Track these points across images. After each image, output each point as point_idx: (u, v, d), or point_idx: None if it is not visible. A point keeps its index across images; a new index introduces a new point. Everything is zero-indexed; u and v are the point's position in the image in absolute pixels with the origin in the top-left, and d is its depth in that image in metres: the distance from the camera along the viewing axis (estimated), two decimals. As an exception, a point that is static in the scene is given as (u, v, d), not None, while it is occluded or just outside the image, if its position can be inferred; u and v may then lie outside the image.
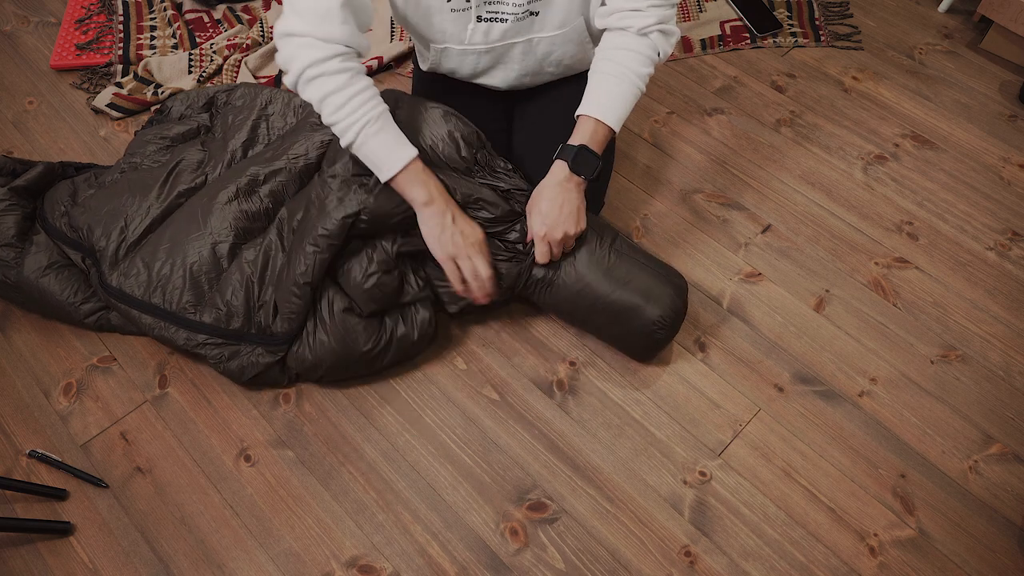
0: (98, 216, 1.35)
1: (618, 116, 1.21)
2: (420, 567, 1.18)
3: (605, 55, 1.21)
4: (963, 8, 2.05)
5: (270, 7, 2.00)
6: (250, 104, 1.52)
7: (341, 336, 1.26)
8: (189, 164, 1.42)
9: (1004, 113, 1.82)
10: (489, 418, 1.33)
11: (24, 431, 1.31)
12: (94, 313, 1.38)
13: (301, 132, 1.40)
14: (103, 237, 1.34)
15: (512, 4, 1.18)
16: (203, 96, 1.59)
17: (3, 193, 1.39)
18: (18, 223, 1.38)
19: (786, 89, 1.86)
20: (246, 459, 1.28)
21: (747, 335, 1.44)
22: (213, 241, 1.30)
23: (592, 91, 1.22)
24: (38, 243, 1.38)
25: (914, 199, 1.65)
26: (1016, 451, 1.31)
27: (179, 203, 1.38)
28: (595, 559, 1.19)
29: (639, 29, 1.17)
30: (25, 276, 1.35)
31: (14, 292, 1.38)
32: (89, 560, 1.19)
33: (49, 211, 1.41)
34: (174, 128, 1.52)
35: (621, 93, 1.20)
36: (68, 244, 1.38)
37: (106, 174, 1.47)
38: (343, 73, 1.09)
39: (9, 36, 1.96)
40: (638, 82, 1.20)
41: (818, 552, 1.20)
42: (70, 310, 1.37)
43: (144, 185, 1.39)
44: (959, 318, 1.47)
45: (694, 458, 1.29)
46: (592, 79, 1.23)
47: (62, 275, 1.36)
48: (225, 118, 1.52)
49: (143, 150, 1.49)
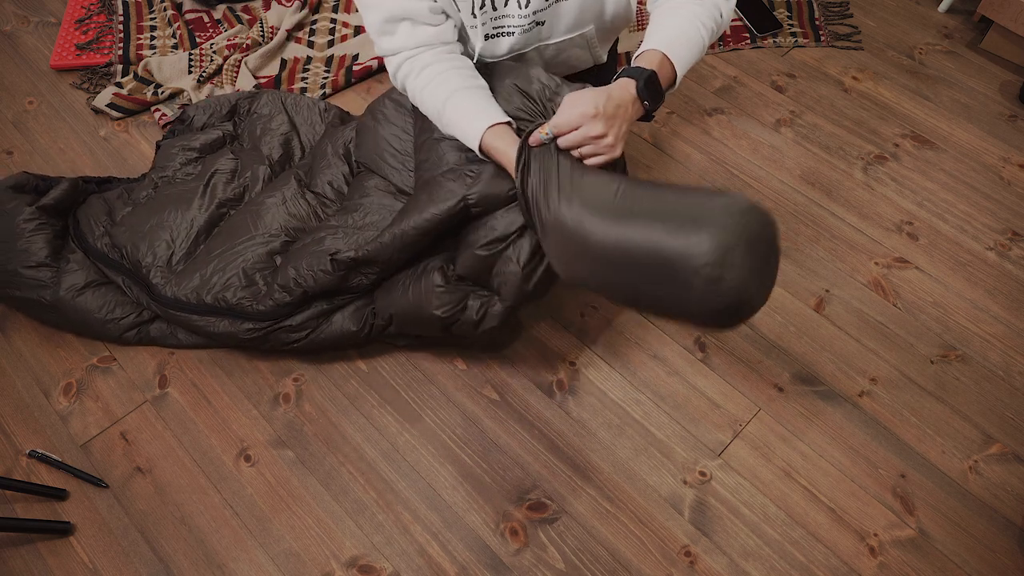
0: (141, 233, 1.36)
1: (682, 56, 1.04)
2: (420, 567, 1.18)
3: (665, 11, 1.09)
4: (963, 8, 2.05)
5: (270, 7, 2.00)
6: (276, 111, 1.55)
7: (421, 293, 1.23)
8: (224, 173, 1.43)
9: (1004, 113, 1.82)
10: (489, 418, 1.33)
11: (24, 431, 1.31)
12: (134, 327, 1.37)
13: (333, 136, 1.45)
14: (149, 253, 1.34)
15: (518, 16, 1.15)
16: (225, 104, 1.60)
17: (32, 212, 1.38)
18: (50, 242, 1.37)
19: (786, 89, 1.86)
20: (246, 459, 1.28)
21: (747, 335, 1.44)
22: (266, 242, 1.33)
23: (659, 28, 1.06)
24: (74, 261, 1.37)
25: (914, 199, 1.65)
26: (1016, 451, 1.31)
27: (222, 213, 1.40)
28: (595, 559, 1.19)
29: None
30: (62, 296, 1.34)
31: (50, 312, 1.36)
32: (89, 560, 1.19)
33: (88, 231, 1.40)
34: (199, 138, 1.53)
35: (684, 32, 1.05)
36: (109, 266, 1.37)
37: (137, 190, 1.46)
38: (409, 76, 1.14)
39: (9, 36, 1.96)
40: (703, 31, 1.06)
41: (818, 552, 1.20)
42: (109, 327, 1.36)
43: (183, 199, 1.40)
44: (959, 318, 1.47)
45: (694, 458, 1.29)
46: (657, 20, 1.08)
47: (99, 292, 1.36)
48: (252, 127, 1.54)
49: (171, 163, 1.49)
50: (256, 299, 1.29)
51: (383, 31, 1.11)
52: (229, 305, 1.29)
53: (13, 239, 1.35)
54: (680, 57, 1.04)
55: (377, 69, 1.89)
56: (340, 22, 1.99)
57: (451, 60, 1.13)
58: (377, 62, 1.88)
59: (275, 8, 1.99)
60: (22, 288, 1.34)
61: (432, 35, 1.11)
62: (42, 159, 1.70)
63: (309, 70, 1.88)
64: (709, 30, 1.07)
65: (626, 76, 1.02)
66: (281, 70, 1.88)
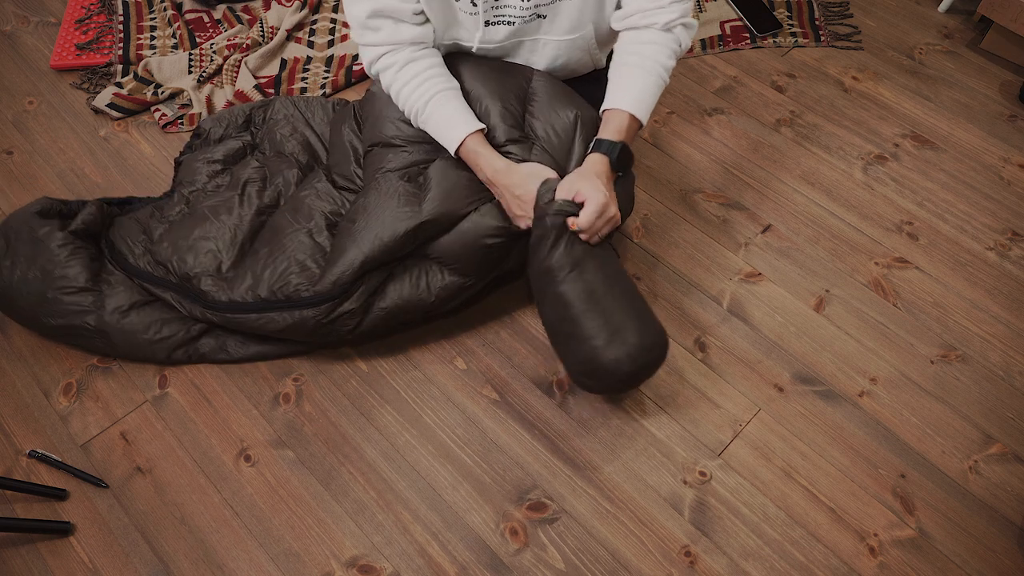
0: (185, 246, 1.34)
1: (646, 109, 1.20)
2: (420, 567, 1.18)
3: (629, 49, 1.21)
4: (963, 8, 2.05)
5: (270, 7, 2.00)
6: (291, 116, 1.56)
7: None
8: (256, 182, 1.43)
9: (1004, 113, 1.82)
10: (489, 418, 1.33)
11: (24, 431, 1.31)
12: (182, 346, 1.35)
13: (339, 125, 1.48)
14: (197, 264, 1.32)
15: (519, 8, 1.19)
16: (240, 115, 1.60)
17: (65, 237, 1.35)
18: (87, 266, 1.34)
19: (786, 89, 1.86)
20: (246, 459, 1.28)
21: (747, 335, 1.44)
22: (309, 230, 1.33)
23: (620, 84, 1.21)
24: (115, 283, 1.35)
25: (914, 199, 1.65)
26: (1016, 451, 1.31)
27: (262, 220, 1.39)
28: (595, 559, 1.19)
29: (664, 24, 1.18)
30: (107, 319, 1.32)
31: (94, 337, 1.33)
32: (89, 560, 1.19)
33: (126, 251, 1.38)
34: (219, 150, 1.53)
35: (647, 86, 1.19)
36: (155, 283, 1.35)
37: (168, 207, 1.45)
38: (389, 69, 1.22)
39: (9, 36, 1.96)
40: (664, 74, 1.20)
41: (818, 552, 1.20)
42: (157, 347, 1.34)
43: (221, 209, 1.39)
44: (959, 318, 1.47)
45: (694, 458, 1.29)
46: (617, 72, 1.22)
47: (144, 311, 1.34)
48: (271, 133, 1.55)
49: (198, 177, 1.48)
50: (313, 283, 1.27)
51: (366, 25, 1.18)
52: (287, 295, 1.27)
53: (50, 266, 1.32)
54: (645, 110, 1.20)
55: (377, 69, 1.89)
56: (340, 22, 1.99)
57: (432, 59, 1.21)
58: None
59: (275, 8, 1.99)
60: (64, 315, 1.31)
61: (413, 34, 1.18)
62: (42, 159, 1.70)
63: (309, 70, 1.88)
64: (669, 68, 1.22)
65: (599, 152, 1.19)
66: (281, 70, 1.88)
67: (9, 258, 1.34)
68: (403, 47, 1.19)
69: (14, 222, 1.37)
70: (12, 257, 1.33)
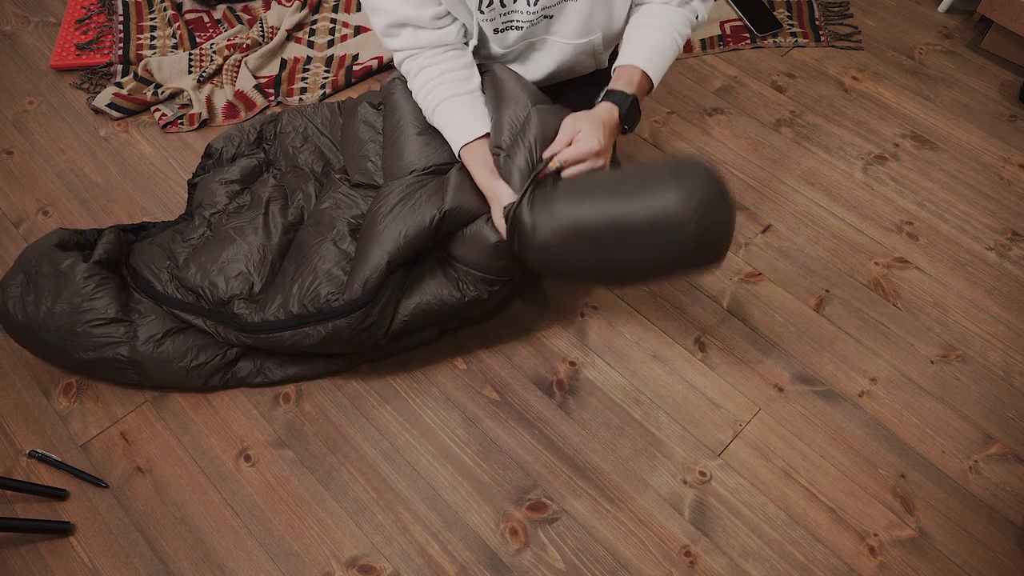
0: (215, 270, 1.31)
1: (659, 69, 1.19)
2: (420, 567, 1.18)
3: (646, 13, 1.20)
4: (963, 8, 2.05)
5: (270, 7, 2.00)
6: (301, 126, 1.55)
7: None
8: (277, 200, 1.42)
9: (1004, 113, 1.82)
10: (489, 418, 1.33)
11: (24, 431, 1.31)
12: (219, 371, 1.33)
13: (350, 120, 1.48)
14: (228, 289, 1.30)
15: (526, 13, 1.19)
16: (252, 132, 1.59)
17: (90, 268, 1.31)
18: (116, 297, 1.30)
19: (786, 89, 1.86)
20: (246, 459, 1.28)
21: (747, 335, 1.44)
22: (334, 239, 1.31)
23: (634, 42, 1.19)
24: (145, 312, 1.31)
25: (914, 199, 1.65)
26: (1016, 451, 1.31)
27: (289, 239, 1.38)
28: (595, 559, 1.19)
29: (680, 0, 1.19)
30: (141, 349, 1.28)
31: (128, 369, 1.30)
32: (89, 560, 1.19)
33: (153, 279, 1.35)
34: (234, 169, 1.51)
35: (662, 47, 1.19)
36: (185, 309, 1.32)
37: (188, 230, 1.42)
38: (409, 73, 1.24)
39: (9, 36, 1.96)
40: (679, 40, 1.20)
41: (818, 552, 1.20)
42: (193, 374, 1.31)
43: (245, 230, 1.37)
44: (959, 318, 1.47)
45: (694, 458, 1.29)
46: (632, 33, 1.21)
47: (179, 339, 1.30)
48: (284, 148, 1.54)
49: (217, 198, 1.46)
50: (342, 290, 1.25)
51: (387, 33, 1.20)
52: (319, 307, 1.24)
53: (77, 299, 1.28)
54: (658, 71, 1.19)
55: (377, 69, 1.89)
56: (340, 22, 1.99)
57: (448, 63, 1.21)
58: (377, 62, 1.88)
59: (275, 8, 1.99)
60: (95, 348, 1.27)
61: (434, 39, 1.19)
62: (42, 159, 1.70)
63: (309, 70, 1.88)
64: (684, 36, 1.21)
65: (610, 101, 1.16)
66: (281, 70, 1.88)
67: (32, 293, 1.29)
68: (423, 51, 1.20)
69: (32, 256, 1.33)
70: (35, 292, 1.29)
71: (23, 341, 1.33)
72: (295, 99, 1.82)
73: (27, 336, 1.31)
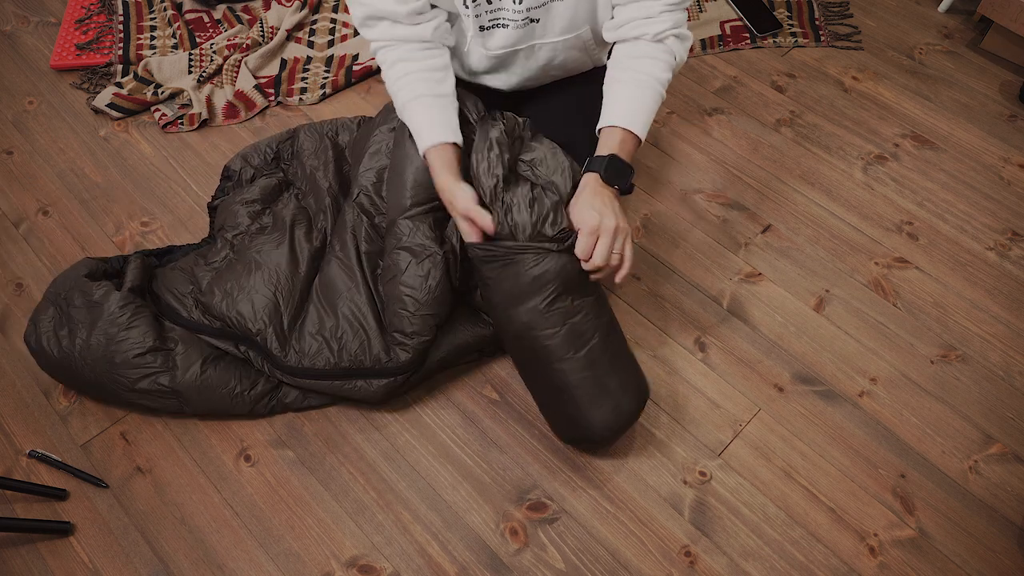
0: (241, 297, 1.28)
1: (643, 123, 1.17)
2: (420, 567, 1.18)
3: (621, 64, 1.19)
4: (963, 8, 2.05)
5: (270, 7, 2.00)
6: (318, 143, 1.52)
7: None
8: (301, 223, 1.39)
9: (1004, 113, 1.82)
10: (489, 418, 1.33)
11: (24, 431, 1.31)
12: (264, 396, 1.30)
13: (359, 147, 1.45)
14: (256, 319, 1.27)
15: (512, 11, 1.18)
16: (268, 152, 1.55)
17: (124, 297, 1.26)
18: (152, 325, 1.26)
19: (786, 89, 1.86)
20: (246, 459, 1.28)
21: (747, 335, 1.44)
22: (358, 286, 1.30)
23: (613, 101, 1.18)
24: (181, 340, 1.28)
25: (914, 199, 1.65)
26: (1016, 451, 1.31)
27: (316, 267, 1.35)
28: (595, 559, 1.19)
29: (654, 35, 1.16)
30: (184, 378, 1.25)
31: (171, 397, 1.26)
32: (89, 560, 1.19)
33: (178, 305, 1.32)
34: (254, 190, 1.47)
35: (643, 99, 1.17)
36: (214, 335, 1.29)
37: (211, 253, 1.39)
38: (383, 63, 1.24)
39: (9, 36, 1.96)
40: (660, 88, 1.18)
41: (818, 552, 1.20)
42: (237, 401, 1.28)
43: (271, 254, 1.33)
44: (959, 318, 1.47)
45: (694, 458, 1.29)
46: (611, 89, 1.20)
47: (220, 365, 1.27)
48: (302, 165, 1.51)
49: (239, 220, 1.42)
50: (389, 350, 1.26)
51: (364, 24, 1.21)
52: (370, 364, 1.25)
53: (113, 329, 1.24)
54: (642, 122, 1.17)
55: (377, 69, 1.89)
56: (340, 22, 1.99)
57: (425, 61, 1.20)
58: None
59: (275, 8, 1.99)
60: (135, 380, 1.24)
61: (409, 33, 1.19)
62: (42, 159, 1.70)
63: (309, 70, 1.88)
64: (665, 82, 1.19)
65: (587, 172, 1.15)
66: (281, 70, 1.88)
67: (65, 327, 1.25)
68: (398, 44, 1.20)
69: (61, 289, 1.30)
70: (68, 325, 1.25)
71: (60, 377, 1.29)
72: (295, 99, 1.83)
73: (64, 372, 1.27)
